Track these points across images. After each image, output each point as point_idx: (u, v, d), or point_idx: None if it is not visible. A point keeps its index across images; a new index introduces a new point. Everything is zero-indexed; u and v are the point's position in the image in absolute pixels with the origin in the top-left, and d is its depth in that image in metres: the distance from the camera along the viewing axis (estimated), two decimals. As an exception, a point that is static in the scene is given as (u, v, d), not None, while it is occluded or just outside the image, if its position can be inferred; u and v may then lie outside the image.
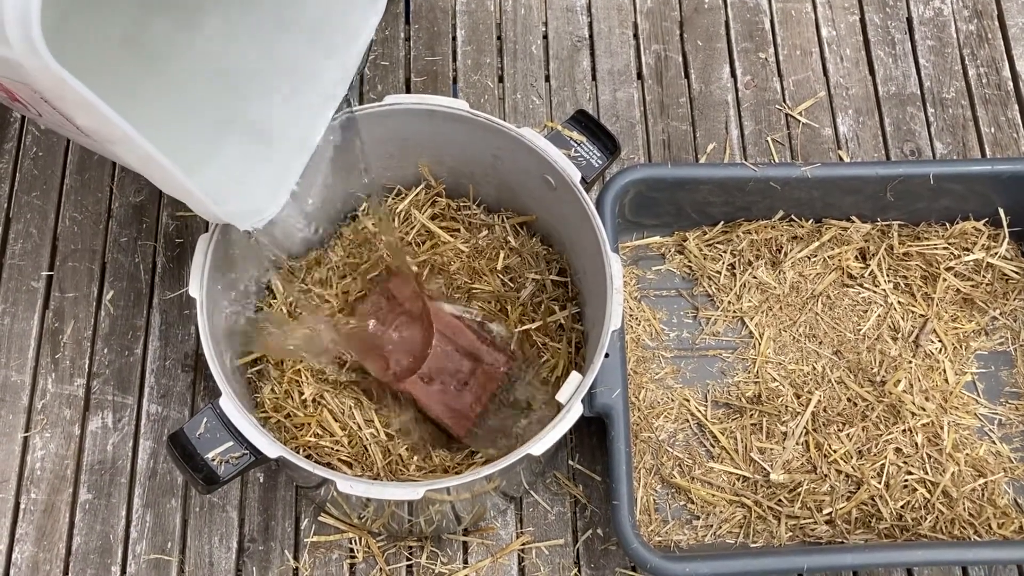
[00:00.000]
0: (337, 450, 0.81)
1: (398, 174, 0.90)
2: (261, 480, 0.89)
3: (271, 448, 0.69)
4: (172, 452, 0.69)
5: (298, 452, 0.80)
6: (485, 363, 0.87)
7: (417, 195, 0.91)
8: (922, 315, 0.95)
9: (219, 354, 0.72)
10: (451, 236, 0.91)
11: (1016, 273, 0.97)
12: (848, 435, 0.89)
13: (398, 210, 0.91)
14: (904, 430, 0.90)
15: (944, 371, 0.93)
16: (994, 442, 0.91)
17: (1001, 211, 0.96)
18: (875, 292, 0.96)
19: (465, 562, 0.87)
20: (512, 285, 0.90)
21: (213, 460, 0.68)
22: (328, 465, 0.81)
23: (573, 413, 0.71)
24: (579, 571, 0.87)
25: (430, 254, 0.90)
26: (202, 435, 0.69)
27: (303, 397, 0.83)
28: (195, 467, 0.68)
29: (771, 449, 0.89)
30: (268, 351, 0.84)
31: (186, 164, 0.62)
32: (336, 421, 0.82)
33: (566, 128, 0.82)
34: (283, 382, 0.83)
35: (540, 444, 0.69)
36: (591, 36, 1.10)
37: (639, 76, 1.09)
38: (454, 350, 0.87)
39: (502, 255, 0.89)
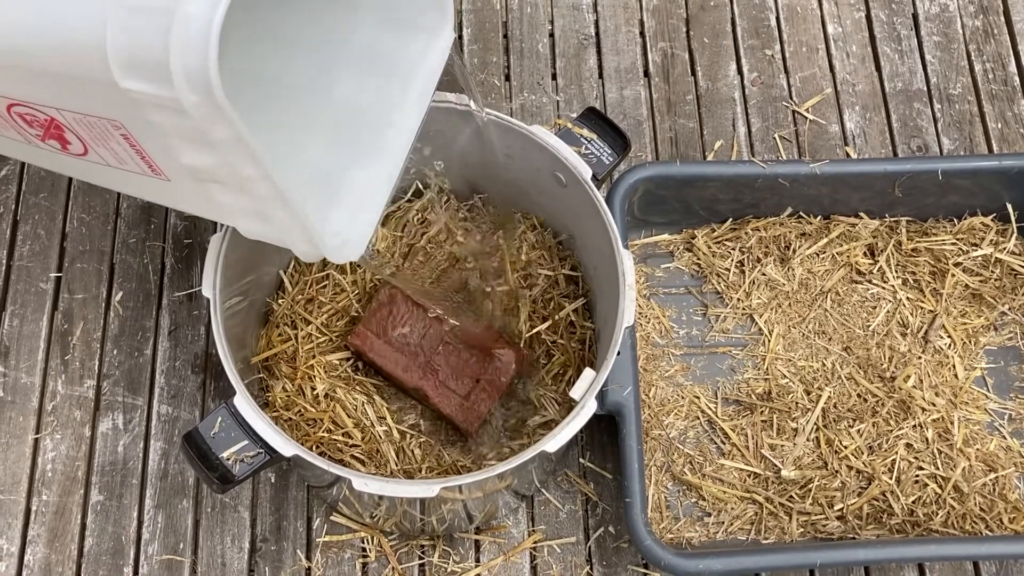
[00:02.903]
0: (351, 446, 0.81)
1: (407, 174, 0.90)
2: (273, 480, 0.89)
3: (286, 446, 0.69)
4: (187, 451, 0.69)
5: (311, 451, 0.80)
6: (496, 361, 0.87)
7: (431, 197, 0.91)
8: (931, 311, 0.95)
9: (232, 353, 0.72)
10: (463, 235, 0.91)
11: (1024, 268, 0.97)
12: (859, 431, 0.89)
13: (412, 211, 0.91)
14: (914, 425, 0.90)
15: (953, 366, 0.93)
16: (1004, 437, 0.91)
17: (1009, 206, 0.96)
18: (884, 288, 0.96)
19: (477, 561, 0.87)
20: (523, 283, 0.90)
21: (228, 459, 0.69)
22: (341, 462, 0.81)
23: (587, 410, 0.71)
24: (591, 569, 0.87)
25: (444, 254, 0.90)
26: (216, 434, 0.69)
27: (315, 392, 0.83)
28: (210, 466, 0.68)
29: (782, 446, 0.89)
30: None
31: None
32: (349, 417, 0.82)
33: (576, 125, 0.82)
34: (295, 379, 0.83)
35: (554, 441, 0.69)
36: (597, 34, 1.10)
37: (646, 74, 1.09)
38: (465, 348, 0.87)
39: (511, 253, 0.89)
